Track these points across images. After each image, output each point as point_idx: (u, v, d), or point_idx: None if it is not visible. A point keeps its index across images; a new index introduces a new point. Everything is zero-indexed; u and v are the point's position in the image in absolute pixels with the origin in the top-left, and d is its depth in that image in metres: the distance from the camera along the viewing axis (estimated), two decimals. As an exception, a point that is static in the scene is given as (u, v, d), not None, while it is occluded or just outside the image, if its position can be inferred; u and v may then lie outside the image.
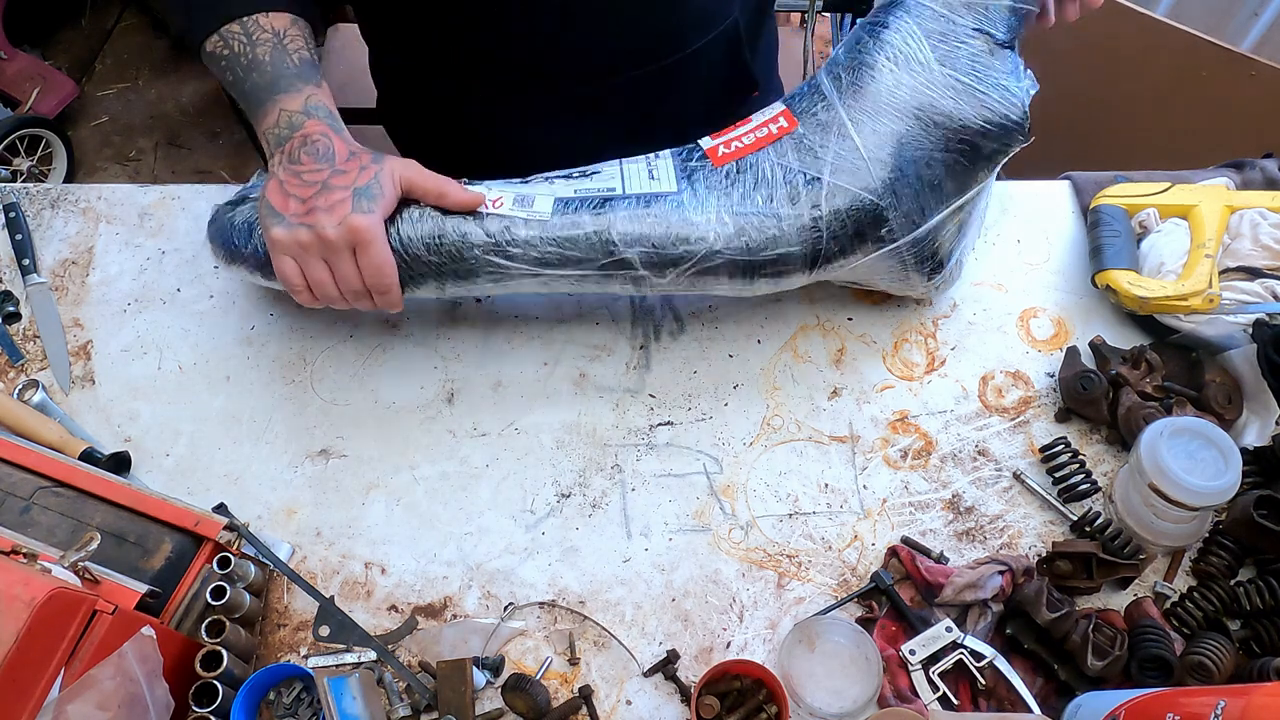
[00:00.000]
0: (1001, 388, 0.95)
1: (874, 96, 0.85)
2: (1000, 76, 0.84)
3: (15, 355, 0.97)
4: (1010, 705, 0.77)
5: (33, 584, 0.62)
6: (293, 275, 0.79)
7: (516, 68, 0.99)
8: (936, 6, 0.85)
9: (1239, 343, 0.90)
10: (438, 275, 0.84)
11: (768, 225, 0.83)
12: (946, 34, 0.84)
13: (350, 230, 0.76)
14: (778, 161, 0.85)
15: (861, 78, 0.85)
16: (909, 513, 0.88)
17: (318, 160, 0.78)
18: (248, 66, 0.81)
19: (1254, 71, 1.60)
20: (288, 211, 0.77)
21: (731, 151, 0.87)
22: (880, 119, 0.84)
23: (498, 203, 0.84)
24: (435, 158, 1.23)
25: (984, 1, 0.85)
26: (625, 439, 0.92)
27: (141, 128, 2.64)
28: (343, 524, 0.88)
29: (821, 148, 0.85)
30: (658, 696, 0.80)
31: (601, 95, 1.02)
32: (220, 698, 0.73)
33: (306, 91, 0.81)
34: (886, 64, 0.85)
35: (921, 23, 0.85)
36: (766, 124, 0.88)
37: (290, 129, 0.79)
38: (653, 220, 0.83)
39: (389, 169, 0.79)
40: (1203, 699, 0.63)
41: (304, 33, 0.85)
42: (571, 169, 0.90)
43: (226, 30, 0.82)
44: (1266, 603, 0.78)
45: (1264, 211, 0.96)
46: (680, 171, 0.87)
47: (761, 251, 0.84)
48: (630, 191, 0.85)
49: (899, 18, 0.86)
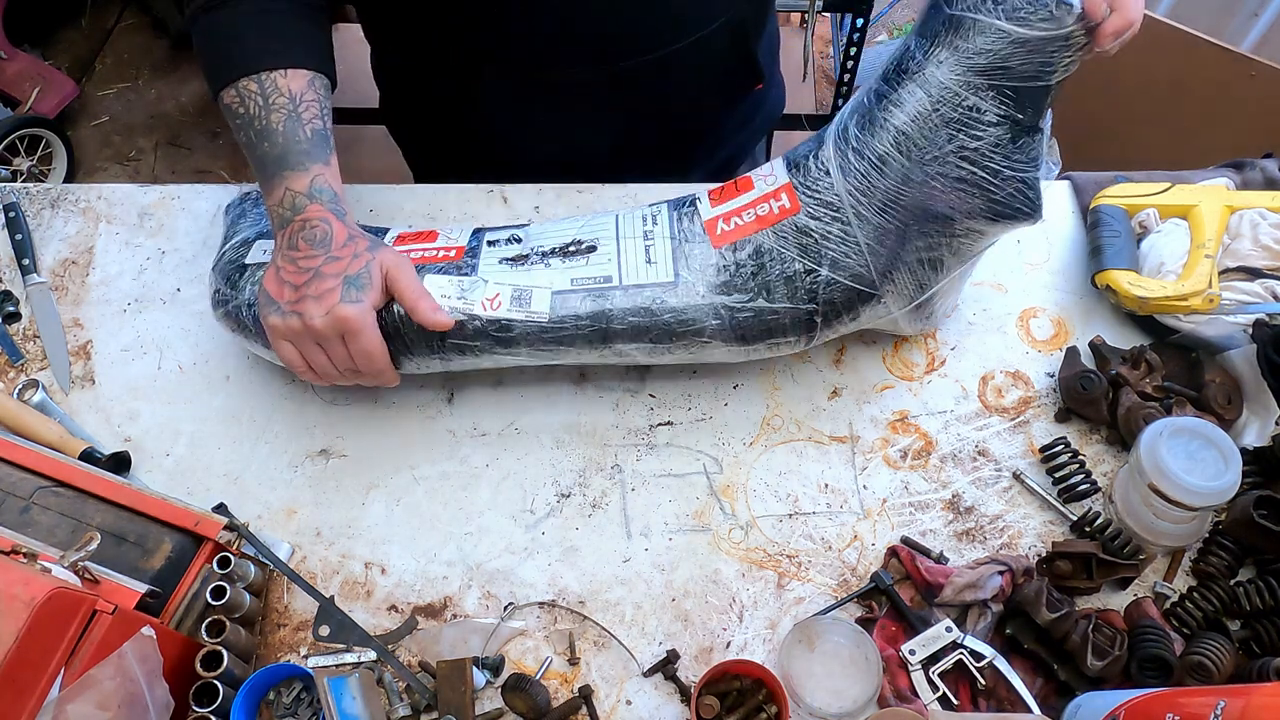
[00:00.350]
0: (1001, 388, 0.95)
1: (881, 190, 0.80)
2: (1020, 167, 0.78)
3: (15, 355, 0.97)
4: (1010, 705, 0.77)
5: (33, 584, 0.62)
6: (292, 358, 0.80)
7: (516, 68, 0.99)
8: (961, 89, 0.76)
9: (1239, 343, 0.90)
10: (440, 355, 0.85)
11: (765, 316, 0.84)
12: (966, 122, 0.76)
13: (337, 320, 0.77)
14: (778, 248, 0.82)
15: (869, 168, 0.80)
16: (909, 513, 0.88)
17: (314, 246, 0.79)
18: (260, 133, 0.82)
19: (1254, 71, 1.60)
20: (282, 299, 0.79)
21: (731, 230, 0.84)
22: (886, 214, 0.80)
23: (495, 302, 0.83)
24: (436, 157, 1.23)
25: (1014, 85, 0.75)
26: (625, 439, 0.92)
27: (141, 128, 2.64)
28: (342, 524, 0.88)
29: (823, 238, 0.82)
30: (658, 696, 0.80)
31: (602, 94, 1.02)
32: (220, 698, 0.73)
33: (314, 171, 0.82)
34: (897, 156, 0.78)
35: (940, 109, 0.76)
36: (769, 199, 0.84)
37: (293, 211, 0.81)
38: (650, 317, 0.83)
39: (380, 260, 0.80)
40: (1202, 699, 0.63)
41: (320, 94, 0.85)
42: (566, 222, 0.89)
43: (244, 88, 0.82)
44: (1266, 603, 0.78)
45: (1264, 211, 0.96)
46: (677, 247, 0.84)
47: (757, 340, 0.85)
48: (627, 282, 0.83)
49: (917, 99, 0.77)
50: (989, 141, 0.77)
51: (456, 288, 0.83)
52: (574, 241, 0.86)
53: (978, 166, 0.77)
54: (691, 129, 1.13)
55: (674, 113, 1.09)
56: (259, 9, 0.84)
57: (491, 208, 1.06)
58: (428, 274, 0.84)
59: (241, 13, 0.84)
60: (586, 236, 0.86)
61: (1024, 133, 0.77)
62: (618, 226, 0.87)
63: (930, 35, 0.77)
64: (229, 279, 0.88)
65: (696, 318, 0.83)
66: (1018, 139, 0.77)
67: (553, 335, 0.83)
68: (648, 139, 1.11)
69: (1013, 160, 0.77)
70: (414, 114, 1.17)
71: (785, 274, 0.82)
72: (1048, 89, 0.75)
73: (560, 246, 0.86)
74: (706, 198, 0.88)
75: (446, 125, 1.13)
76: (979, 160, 0.77)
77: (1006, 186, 0.78)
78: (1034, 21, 0.72)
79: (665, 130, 1.11)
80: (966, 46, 0.74)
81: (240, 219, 0.95)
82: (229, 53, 0.84)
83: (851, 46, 1.92)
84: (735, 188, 0.87)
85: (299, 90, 0.83)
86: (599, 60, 0.98)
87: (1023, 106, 0.76)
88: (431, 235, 0.90)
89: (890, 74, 0.80)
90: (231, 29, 0.84)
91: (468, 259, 0.86)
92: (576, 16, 0.93)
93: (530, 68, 0.99)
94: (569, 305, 0.83)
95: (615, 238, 0.86)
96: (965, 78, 0.75)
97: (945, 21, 0.76)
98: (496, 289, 0.83)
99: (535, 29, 0.94)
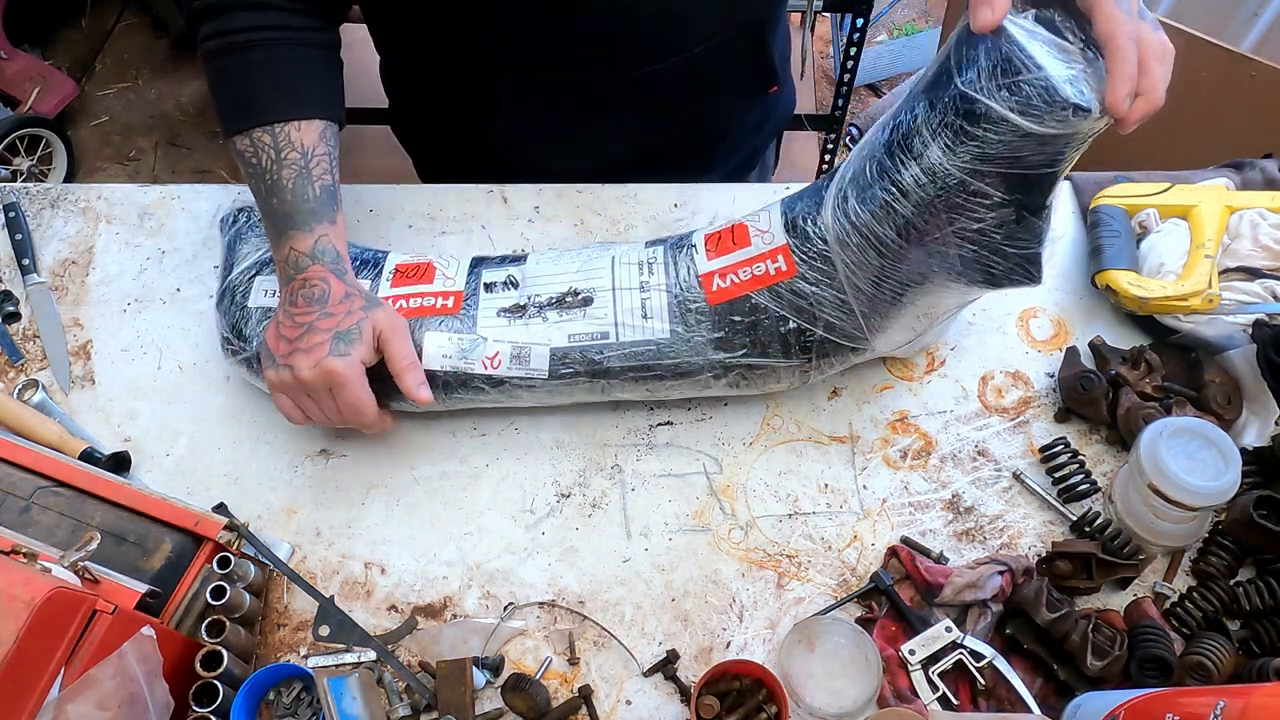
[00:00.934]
0: (1001, 388, 0.95)
1: (878, 266, 0.78)
2: (1023, 245, 0.74)
3: (15, 355, 0.97)
4: (1010, 705, 0.77)
5: (33, 584, 0.62)
6: (287, 409, 0.83)
7: (523, 73, 0.99)
8: (967, 177, 0.71)
9: (1239, 343, 0.90)
10: (441, 399, 0.87)
11: (758, 368, 0.85)
12: (971, 206, 0.73)
13: (324, 373, 0.79)
14: (773, 308, 0.82)
15: (867, 244, 0.78)
16: (909, 513, 0.88)
17: (310, 304, 0.82)
18: (271, 188, 0.84)
19: (1254, 71, 1.60)
20: (278, 352, 0.81)
21: (728, 287, 0.83)
22: (882, 286, 0.79)
23: (495, 360, 0.85)
24: (439, 158, 1.23)
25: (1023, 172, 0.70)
26: (625, 439, 0.92)
27: (141, 128, 2.64)
28: (342, 524, 0.88)
29: (817, 302, 0.82)
30: (657, 696, 0.80)
31: (616, 101, 1.02)
32: (220, 698, 0.73)
33: (318, 232, 0.84)
34: (896, 239, 0.76)
35: (945, 195, 0.73)
36: (765, 259, 0.83)
37: (296, 270, 0.83)
38: (646, 370, 0.85)
39: (373, 319, 0.81)
40: (1202, 699, 0.63)
41: (330, 146, 0.87)
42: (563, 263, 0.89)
43: (258, 138, 0.84)
44: (1266, 603, 0.78)
45: (1264, 212, 0.96)
46: (673, 300, 0.84)
47: (751, 385, 0.88)
48: (624, 339, 0.84)
49: (921, 185, 0.73)
50: (992, 223, 0.73)
51: (456, 346, 0.85)
52: (570, 291, 0.86)
53: (980, 246, 0.75)
54: (708, 133, 1.13)
55: (690, 118, 1.08)
56: (273, 57, 0.85)
57: (491, 208, 1.06)
58: (427, 330, 0.85)
59: (257, 60, 0.85)
60: (583, 285, 0.86)
61: (1030, 213, 0.73)
62: (614, 273, 0.87)
63: (938, 110, 0.72)
64: (235, 328, 0.89)
65: (692, 371, 0.85)
66: (1023, 220, 0.73)
67: (552, 390, 0.86)
68: (663, 144, 1.10)
69: (1016, 239, 0.74)
70: (417, 115, 1.17)
71: (779, 331, 0.83)
72: (1056, 176, 0.71)
73: (557, 297, 0.86)
74: (703, 246, 0.87)
75: (447, 126, 1.13)
76: (981, 240, 0.74)
77: (1008, 262, 0.75)
78: (1047, 119, 0.67)
79: (681, 135, 1.10)
80: (975, 133, 0.69)
81: (239, 241, 0.94)
82: (244, 100, 0.85)
83: (851, 46, 1.92)
84: (732, 240, 0.85)
85: (311, 144, 0.85)
86: (612, 68, 0.97)
87: (1030, 192, 0.72)
88: (428, 271, 0.90)
89: (894, 146, 0.75)
90: (246, 76, 0.85)
91: (466, 310, 0.87)
92: (580, 22, 0.92)
93: (538, 73, 0.99)
94: (567, 362, 0.85)
95: (611, 288, 0.86)
96: (972, 165, 0.71)
97: (954, 99, 0.70)
98: (496, 347, 0.85)
99: (534, 30, 0.94)
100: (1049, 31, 0.68)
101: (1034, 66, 0.66)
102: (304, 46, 0.87)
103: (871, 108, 2.71)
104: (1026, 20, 0.68)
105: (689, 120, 1.08)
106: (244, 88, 0.85)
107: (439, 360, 0.85)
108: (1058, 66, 0.66)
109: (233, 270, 0.92)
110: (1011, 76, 0.67)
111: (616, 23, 0.93)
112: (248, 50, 0.84)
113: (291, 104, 0.85)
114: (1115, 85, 0.65)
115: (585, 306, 0.85)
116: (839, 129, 2.13)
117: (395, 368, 0.82)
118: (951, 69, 0.71)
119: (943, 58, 0.73)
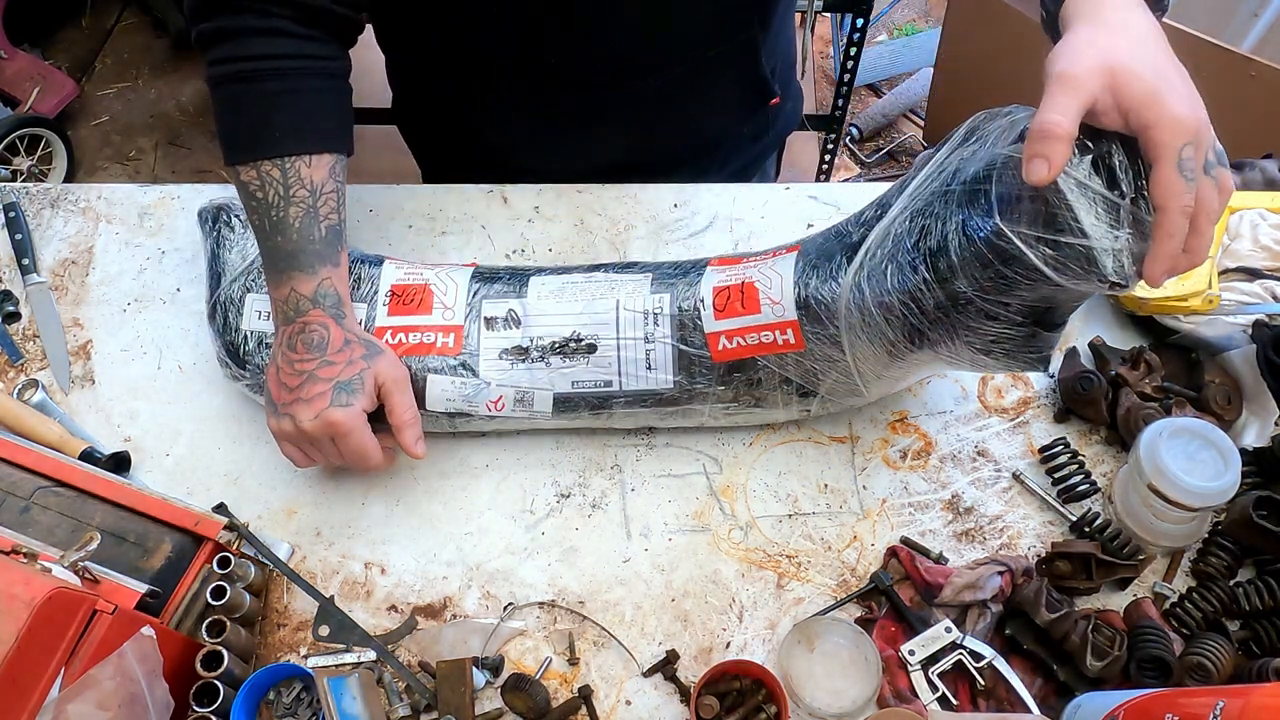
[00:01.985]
0: (1001, 388, 0.95)
1: (886, 362, 0.79)
2: (1036, 350, 0.73)
3: (15, 355, 0.97)
4: (1010, 705, 0.77)
5: (33, 584, 0.62)
6: (293, 455, 0.83)
7: (513, 71, 0.99)
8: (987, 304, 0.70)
9: (1238, 343, 0.90)
10: (448, 420, 0.88)
11: (759, 415, 0.88)
12: (986, 324, 0.71)
13: (326, 424, 0.79)
14: (777, 371, 0.83)
15: (878, 344, 0.77)
16: (908, 513, 0.88)
17: (310, 350, 0.81)
18: (275, 225, 0.82)
19: (1254, 71, 1.60)
20: (279, 401, 0.81)
21: (734, 348, 0.83)
22: (890, 371, 0.80)
23: (499, 404, 0.85)
24: (440, 156, 1.23)
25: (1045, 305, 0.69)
26: (625, 439, 0.92)
27: (141, 128, 2.64)
28: (343, 524, 0.88)
29: (823, 374, 0.82)
30: (657, 696, 0.80)
31: (610, 112, 1.02)
32: (220, 698, 0.73)
33: (321, 275, 0.82)
34: (910, 346, 0.76)
35: (962, 317, 0.71)
36: (774, 329, 0.81)
37: (296, 312, 0.82)
38: (649, 410, 0.86)
39: (375, 370, 0.81)
40: (1202, 699, 0.63)
41: (339, 182, 0.85)
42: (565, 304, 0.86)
43: (265, 171, 0.81)
44: (1266, 603, 0.78)
45: (1264, 212, 0.96)
46: (678, 355, 0.83)
47: (752, 425, 0.91)
48: (628, 387, 0.85)
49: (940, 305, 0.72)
50: (1007, 336, 0.72)
51: (459, 391, 0.85)
52: (574, 337, 0.85)
53: (991, 356, 0.74)
54: (702, 143, 1.13)
55: (683, 128, 1.08)
56: (287, 89, 0.82)
57: (491, 208, 1.06)
58: (430, 374, 0.85)
59: (270, 90, 0.82)
60: (586, 332, 0.85)
61: (1046, 331, 0.72)
62: (618, 321, 0.85)
63: (969, 236, 0.69)
64: (231, 352, 0.88)
65: (693, 413, 0.87)
66: (1036, 336, 0.72)
67: (556, 419, 0.88)
68: (656, 151, 1.10)
69: (1028, 350, 0.73)
70: (421, 115, 1.17)
71: (782, 388, 0.84)
72: (1077, 308, 0.72)
73: (560, 343, 0.85)
74: (711, 301, 0.83)
75: (452, 128, 1.13)
76: (994, 350, 0.74)
77: (1017, 364, 0.75)
78: (1082, 283, 0.65)
79: (675, 143, 1.10)
80: (1005, 274, 0.67)
81: (222, 246, 0.91)
82: (253, 131, 0.82)
83: (851, 46, 1.92)
84: (741, 303, 0.83)
85: (320, 181, 0.83)
86: (605, 77, 0.98)
87: (1049, 318, 0.71)
88: (425, 298, 0.87)
89: (919, 256, 0.72)
90: (256, 106, 0.82)
91: (467, 348, 0.85)
92: (576, 17, 0.92)
93: (533, 77, 0.99)
94: (570, 404, 0.86)
95: (615, 336, 0.85)
96: (997, 298, 0.70)
97: (990, 235, 0.67)
98: (500, 392, 0.85)
99: (531, 35, 0.94)
100: (1103, 182, 0.63)
101: (1079, 231, 0.63)
102: (318, 77, 0.84)
103: (871, 108, 2.72)
104: (1082, 168, 0.63)
105: (682, 130, 1.08)
106: (254, 118, 0.82)
107: (443, 403, 0.85)
108: (1103, 234, 0.63)
109: (221, 281, 0.89)
110: (1053, 233, 0.64)
111: (609, 32, 0.93)
112: (260, 80, 0.82)
113: (302, 139, 0.82)
114: (1155, 262, 0.62)
115: (589, 354, 0.85)
116: (839, 129, 2.13)
117: (395, 421, 0.82)
118: (992, 198, 0.68)
119: (983, 167, 0.69)
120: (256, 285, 0.89)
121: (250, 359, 0.87)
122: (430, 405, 0.85)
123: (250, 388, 0.88)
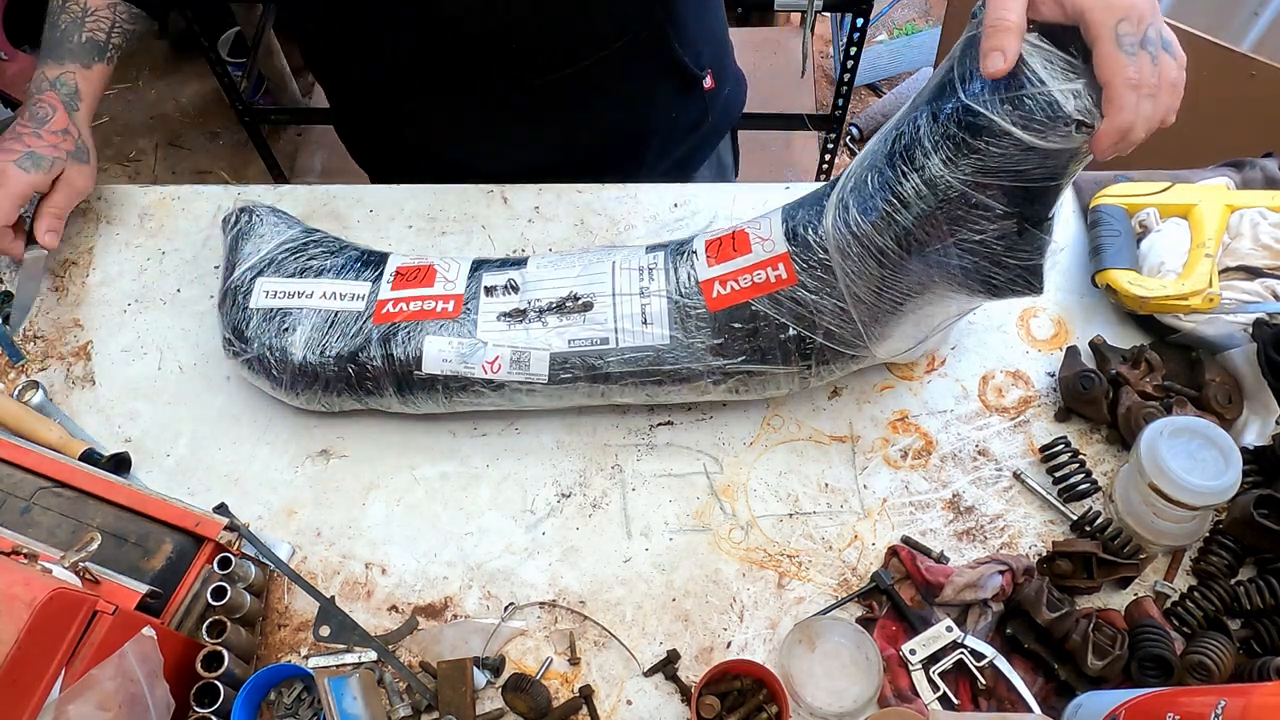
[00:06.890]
0: (1001, 387, 0.95)
1: (878, 277, 0.78)
2: (1025, 257, 0.74)
3: (15, 355, 0.97)
4: (1010, 705, 0.77)
5: (33, 584, 0.62)
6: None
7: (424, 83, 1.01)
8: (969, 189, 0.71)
9: (1239, 342, 0.90)
10: (442, 398, 0.87)
11: (759, 375, 0.86)
12: (972, 219, 0.72)
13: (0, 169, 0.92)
14: (773, 315, 0.82)
15: (867, 255, 0.77)
16: (909, 512, 0.88)
17: (32, 121, 0.95)
18: (51, 24, 0.99)
19: (1254, 71, 1.60)
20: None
21: (728, 294, 0.83)
22: (883, 295, 0.79)
23: (495, 365, 0.85)
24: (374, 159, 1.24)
25: (1025, 185, 0.70)
26: (625, 439, 0.92)
27: (141, 128, 2.64)
28: (343, 524, 0.88)
29: (817, 310, 0.81)
30: (658, 696, 0.80)
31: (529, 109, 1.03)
32: (221, 698, 0.73)
33: (69, 68, 0.97)
34: (898, 250, 0.76)
35: (946, 207, 0.72)
36: (765, 266, 0.82)
37: (37, 90, 0.97)
38: (646, 375, 0.85)
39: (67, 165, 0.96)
40: (1203, 698, 0.63)
41: (116, 16, 0.99)
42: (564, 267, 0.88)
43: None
44: (1267, 602, 0.78)
45: (1264, 211, 0.96)
46: (673, 308, 0.84)
47: (750, 390, 0.88)
48: (624, 344, 0.84)
49: (922, 196, 0.73)
50: (994, 234, 0.73)
51: (456, 351, 0.85)
52: (570, 296, 0.86)
53: (980, 257, 0.74)
54: (631, 134, 1.13)
55: (608, 121, 1.09)
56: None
57: (491, 208, 1.06)
58: (427, 335, 0.85)
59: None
60: (583, 290, 0.86)
61: (1032, 226, 0.73)
62: (614, 279, 0.86)
63: (940, 121, 0.71)
64: (236, 330, 0.89)
65: (691, 375, 0.85)
66: (1025, 232, 0.73)
67: (552, 394, 0.86)
68: (587, 147, 1.11)
69: (1017, 251, 0.74)
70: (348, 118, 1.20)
71: (779, 338, 0.83)
72: (1059, 188, 0.71)
73: (557, 302, 0.86)
74: (704, 252, 0.86)
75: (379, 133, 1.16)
76: (982, 251, 0.74)
77: (1009, 273, 0.75)
78: (1050, 135, 0.67)
79: (601, 137, 1.11)
80: (977, 146, 0.69)
81: (241, 240, 0.94)
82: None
83: (851, 46, 1.92)
84: (733, 246, 0.85)
85: (95, 6, 0.99)
86: (513, 78, 0.99)
87: (1032, 205, 0.72)
88: (429, 274, 0.89)
89: (895, 156, 0.75)
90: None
91: (466, 313, 0.86)
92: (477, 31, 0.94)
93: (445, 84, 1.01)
94: (567, 367, 0.85)
95: (611, 293, 0.86)
96: (974, 177, 0.70)
97: (956, 111, 0.70)
98: (495, 352, 0.85)
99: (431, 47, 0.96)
100: (1054, 45, 0.67)
101: (1037, 81, 0.66)
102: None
103: (871, 108, 2.71)
104: (1032, 35, 0.67)
105: (604, 121, 1.09)
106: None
107: (439, 364, 0.85)
108: (1061, 81, 0.66)
109: (235, 270, 0.92)
110: (1014, 90, 0.66)
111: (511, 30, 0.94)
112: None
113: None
114: (1103, 136, 0.65)
115: (585, 312, 0.85)
116: (839, 129, 2.13)
117: (42, 206, 0.96)
118: (955, 81, 0.70)
119: (946, 68, 0.72)
120: (267, 272, 0.90)
121: (254, 335, 0.88)
122: (427, 367, 0.85)
123: (249, 363, 0.88)
